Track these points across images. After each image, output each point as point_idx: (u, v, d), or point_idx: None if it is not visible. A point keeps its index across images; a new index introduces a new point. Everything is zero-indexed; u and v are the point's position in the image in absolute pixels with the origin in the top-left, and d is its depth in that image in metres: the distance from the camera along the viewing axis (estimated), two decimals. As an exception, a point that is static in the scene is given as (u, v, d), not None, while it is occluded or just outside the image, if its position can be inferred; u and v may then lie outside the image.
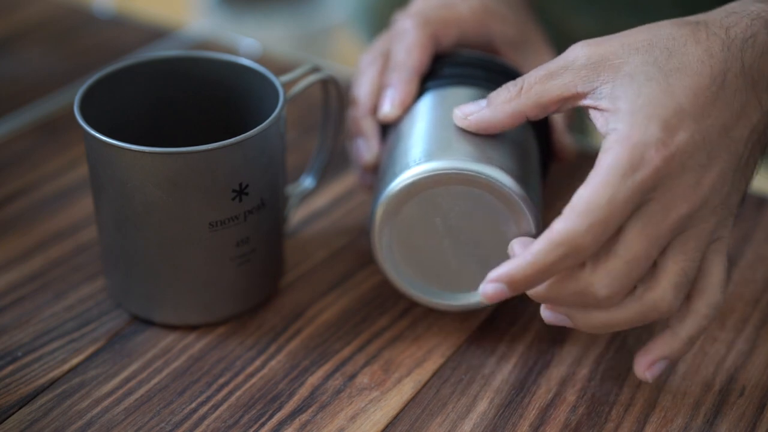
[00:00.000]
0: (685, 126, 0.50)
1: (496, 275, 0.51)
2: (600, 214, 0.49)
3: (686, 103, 0.50)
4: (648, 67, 0.51)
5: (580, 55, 0.52)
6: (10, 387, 0.55)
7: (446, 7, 0.65)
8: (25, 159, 0.74)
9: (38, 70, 0.86)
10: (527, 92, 0.53)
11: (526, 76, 0.54)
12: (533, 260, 0.49)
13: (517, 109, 0.54)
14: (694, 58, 0.51)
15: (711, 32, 0.52)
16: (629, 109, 0.50)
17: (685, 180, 0.50)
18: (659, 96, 0.50)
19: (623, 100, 0.51)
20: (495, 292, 0.51)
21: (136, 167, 0.54)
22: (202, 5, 1.89)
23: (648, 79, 0.51)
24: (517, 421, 0.54)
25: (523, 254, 0.50)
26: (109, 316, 0.60)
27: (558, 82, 0.53)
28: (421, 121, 0.59)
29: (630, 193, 0.49)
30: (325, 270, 0.64)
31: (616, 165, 0.49)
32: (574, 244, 0.49)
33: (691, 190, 0.50)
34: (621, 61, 0.51)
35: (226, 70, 0.62)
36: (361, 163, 0.63)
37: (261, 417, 0.54)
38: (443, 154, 0.55)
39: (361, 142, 0.63)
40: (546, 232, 0.49)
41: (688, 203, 0.50)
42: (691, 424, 0.54)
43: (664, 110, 0.50)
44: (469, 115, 0.55)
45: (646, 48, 0.52)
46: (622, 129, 0.50)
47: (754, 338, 0.59)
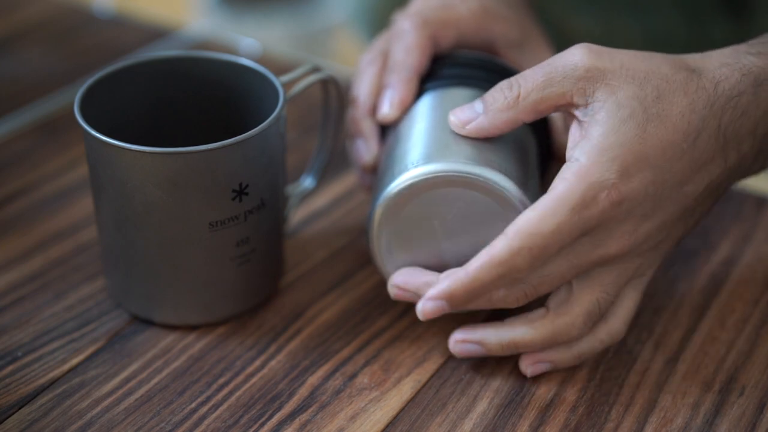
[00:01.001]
0: (642, 176, 0.52)
1: (436, 293, 0.53)
2: (542, 241, 0.51)
3: (652, 155, 0.52)
4: (635, 103, 0.52)
5: (580, 66, 0.53)
6: (10, 387, 0.55)
7: (445, 8, 0.65)
8: (25, 159, 0.74)
9: (38, 70, 0.86)
10: (525, 100, 0.54)
11: (522, 80, 0.54)
12: (474, 277, 0.52)
13: (514, 116, 0.54)
14: (677, 110, 0.52)
15: (701, 86, 0.53)
16: (599, 143, 0.52)
17: (623, 226, 0.52)
18: (631, 140, 0.52)
19: (598, 129, 0.52)
20: (434, 309, 0.53)
21: (136, 167, 0.54)
22: (202, 5, 1.89)
23: (630, 117, 0.52)
24: (517, 421, 0.54)
25: (463, 271, 0.52)
26: (109, 316, 0.60)
27: (555, 90, 0.53)
28: (420, 123, 0.59)
29: (575, 227, 0.51)
30: (325, 270, 0.64)
31: (569, 198, 0.51)
32: (512, 265, 0.51)
33: (625, 236, 0.52)
34: (616, 85, 0.52)
35: (226, 70, 0.62)
36: (361, 163, 0.63)
37: (261, 417, 0.54)
38: (442, 157, 0.55)
39: (360, 142, 0.63)
40: (486, 250, 0.52)
41: (618, 247, 0.53)
42: (691, 424, 0.54)
43: (629, 155, 0.51)
44: (466, 123, 0.55)
45: (641, 81, 0.53)
46: (584, 163, 0.51)
47: (754, 338, 0.59)
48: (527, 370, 0.56)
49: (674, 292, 0.62)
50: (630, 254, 0.53)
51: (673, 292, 0.62)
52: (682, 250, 0.65)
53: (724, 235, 0.67)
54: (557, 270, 0.53)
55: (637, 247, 0.53)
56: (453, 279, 0.53)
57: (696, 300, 0.62)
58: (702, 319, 0.60)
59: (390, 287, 0.56)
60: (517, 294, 0.53)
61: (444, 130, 0.57)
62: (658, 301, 0.61)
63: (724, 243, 0.66)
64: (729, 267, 0.64)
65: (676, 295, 0.62)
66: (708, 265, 0.64)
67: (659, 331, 0.59)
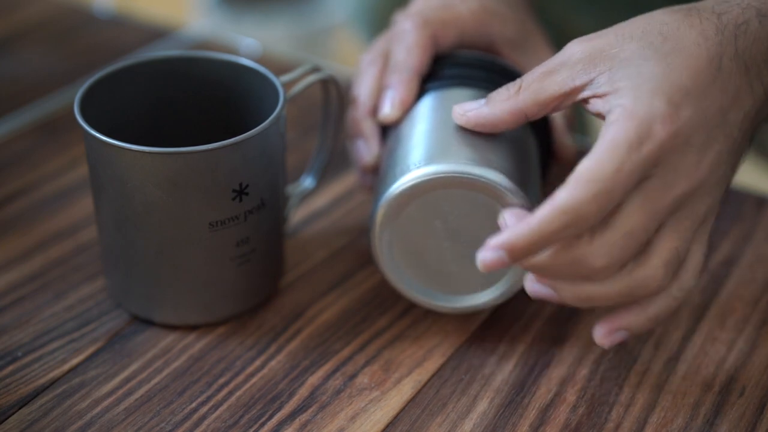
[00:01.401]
0: (688, 103, 0.50)
1: (498, 242, 0.49)
2: (605, 185, 0.48)
3: (687, 82, 0.50)
4: (645, 50, 0.51)
5: (576, 51, 0.53)
6: (10, 387, 0.55)
7: (446, 8, 0.65)
8: (25, 159, 0.74)
9: (38, 70, 0.86)
10: (525, 90, 0.53)
11: (524, 76, 0.54)
12: (537, 227, 0.49)
13: (515, 107, 0.54)
14: (689, 41, 0.51)
15: (704, 17, 0.52)
16: (631, 85, 0.50)
17: (687, 158, 0.50)
18: (660, 74, 0.50)
19: (624, 81, 0.51)
20: (494, 259, 0.50)
21: (136, 167, 0.54)
22: (202, 5, 1.89)
23: (645, 60, 0.51)
24: (517, 421, 0.54)
25: (526, 221, 0.49)
26: (109, 316, 0.60)
27: (556, 78, 0.53)
28: (421, 123, 0.59)
29: (636, 165, 0.49)
30: (325, 270, 0.64)
31: (624, 137, 0.49)
32: (578, 213, 0.48)
33: (692, 169, 0.50)
34: (616, 50, 0.52)
35: (226, 70, 0.62)
36: (361, 164, 0.63)
37: (261, 417, 0.54)
38: (443, 157, 0.55)
39: (361, 143, 0.63)
40: (549, 200, 0.49)
41: (689, 182, 0.50)
42: (691, 424, 0.54)
43: (668, 86, 0.50)
44: (468, 111, 0.55)
45: (640, 35, 0.52)
46: (626, 104, 0.50)
47: (754, 338, 0.59)
48: (604, 341, 0.53)
49: (674, 292, 0.62)
50: (699, 191, 0.51)
51: (673, 292, 0.62)
52: (682, 250, 0.65)
53: (724, 235, 0.67)
54: (637, 221, 0.50)
55: (705, 182, 0.51)
56: (515, 229, 0.49)
57: (696, 300, 0.62)
58: (702, 319, 0.60)
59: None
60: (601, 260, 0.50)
61: (445, 131, 0.57)
62: (658, 301, 0.61)
63: (724, 243, 0.66)
64: (729, 267, 0.64)
65: (676, 295, 0.62)
66: (708, 265, 0.64)
67: (659, 331, 0.59)
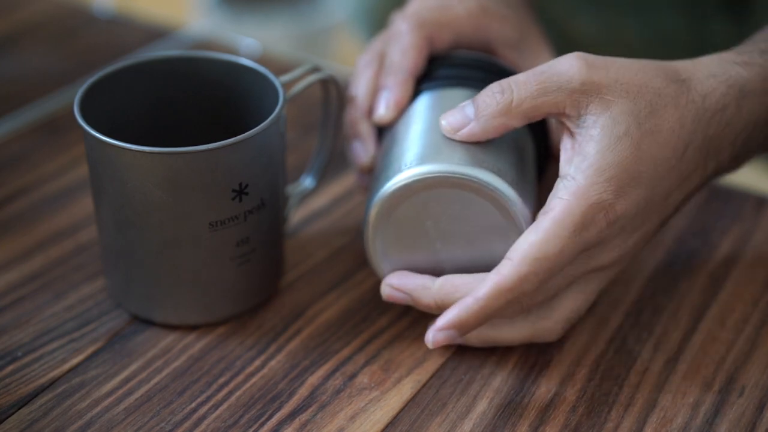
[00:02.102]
0: (636, 193, 0.53)
1: (446, 322, 0.53)
2: (548, 265, 0.52)
3: (645, 172, 0.53)
4: (630, 118, 0.53)
5: (576, 78, 0.53)
6: (10, 387, 0.55)
7: (442, 9, 0.65)
8: (25, 159, 0.74)
9: (38, 70, 0.86)
10: (517, 108, 0.54)
11: (515, 86, 0.54)
12: (483, 305, 0.52)
13: (506, 123, 0.55)
14: (668, 125, 0.53)
15: (690, 99, 0.54)
16: (596, 162, 0.52)
17: (615, 240, 0.54)
18: (627, 158, 0.52)
19: (594, 146, 0.52)
20: (445, 338, 0.53)
21: (136, 167, 0.54)
22: (202, 5, 1.89)
23: (625, 134, 0.52)
24: (516, 421, 0.54)
25: (473, 299, 0.52)
26: (109, 316, 0.60)
27: (549, 99, 0.53)
28: (416, 124, 0.59)
29: (576, 248, 0.52)
30: (325, 270, 0.64)
31: (569, 220, 0.52)
32: (520, 290, 0.52)
33: (616, 249, 0.54)
34: (611, 99, 0.53)
35: (226, 70, 0.62)
36: (359, 165, 0.63)
37: (261, 417, 0.54)
38: (436, 158, 0.55)
39: (358, 144, 0.63)
40: (494, 277, 0.52)
41: (609, 258, 0.54)
42: (690, 424, 0.54)
43: (624, 174, 0.52)
44: (457, 129, 0.55)
45: (634, 96, 0.53)
46: (581, 184, 0.52)
47: (754, 338, 0.59)
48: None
49: (674, 292, 0.62)
50: (618, 263, 0.55)
51: (673, 292, 0.62)
52: (682, 250, 0.65)
53: (724, 235, 0.67)
54: (555, 283, 0.54)
55: (624, 257, 0.55)
56: (462, 308, 0.53)
57: (696, 300, 0.62)
58: (702, 319, 0.60)
59: (383, 287, 0.57)
60: (515, 310, 0.54)
61: (438, 132, 0.57)
62: (658, 301, 0.61)
63: (724, 243, 0.66)
64: (729, 267, 0.64)
65: (676, 295, 0.62)
66: (708, 265, 0.64)
67: (659, 331, 0.59)
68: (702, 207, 0.69)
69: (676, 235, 0.67)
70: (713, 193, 0.70)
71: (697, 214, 0.68)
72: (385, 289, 0.57)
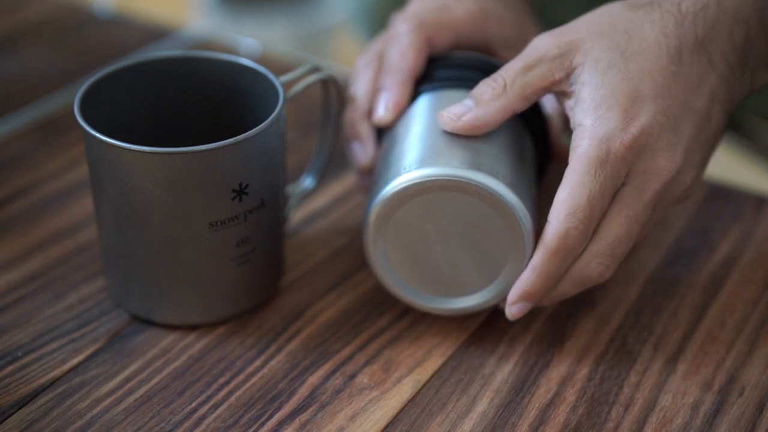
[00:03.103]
0: (645, 110, 0.54)
1: (515, 296, 0.56)
2: (583, 213, 0.53)
3: (645, 88, 0.54)
4: (611, 52, 0.55)
5: (551, 46, 0.56)
6: (10, 387, 0.55)
7: (442, 10, 0.65)
8: (25, 159, 0.74)
9: (38, 70, 0.86)
10: (512, 87, 0.56)
11: (503, 71, 0.56)
12: (540, 272, 0.54)
13: (506, 104, 0.56)
14: (651, 40, 0.55)
15: (664, 10, 0.56)
16: (592, 100, 0.54)
17: (654, 159, 0.54)
18: (619, 84, 0.54)
19: (588, 89, 0.54)
20: (521, 310, 0.56)
21: (136, 167, 0.54)
22: (202, 5, 1.89)
23: (610, 67, 0.54)
24: (516, 421, 0.54)
25: (529, 270, 0.55)
26: (109, 316, 0.60)
27: (537, 72, 0.56)
28: (415, 126, 0.59)
29: (605, 185, 0.53)
30: (325, 270, 0.64)
31: (587, 163, 0.53)
32: (570, 245, 0.54)
33: (662, 167, 0.54)
34: (589, 46, 0.55)
35: (226, 70, 0.62)
36: (358, 166, 0.63)
37: (261, 417, 0.54)
38: (434, 161, 0.55)
39: (357, 145, 0.63)
40: (540, 244, 0.54)
41: (660, 179, 0.54)
42: (691, 424, 0.54)
43: (623, 99, 0.54)
44: (460, 116, 0.56)
45: (608, 32, 0.55)
46: (587, 124, 0.54)
47: (754, 338, 0.59)
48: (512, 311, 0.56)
49: (674, 292, 0.62)
50: (674, 182, 0.55)
51: (673, 292, 0.62)
52: (682, 250, 0.65)
53: (724, 235, 0.67)
54: (619, 230, 0.54)
55: (680, 171, 0.55)
56: (523, 280, 0.55)
57: (696, 300, 0.62)
58: (702, 319, 0.60)
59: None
60: (598, 269, 0.55)
61: (437, 134, 0.57)
62: (658, 301, 0.61)
63: (724, 243, 0.66)
64: (729, 267, 0.64)
65: (676, 295, 0.62)
66: (708, 265, 0.64)
67: (659, 331, 0.59)
68: (702, 207, 0.69)
69: (676, 235, 0.67)
70: (713, 193, 0.70)
71: (697, 214, 0.68)
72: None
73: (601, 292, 0.62)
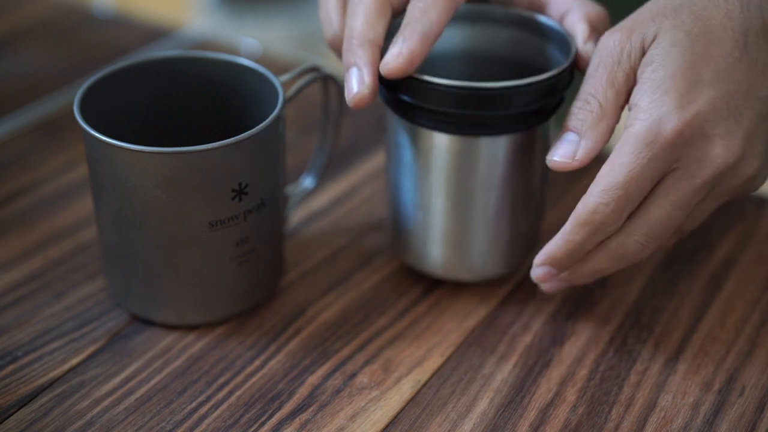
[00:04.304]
0: (703, 96, 0.52)
1: (540, 259, 0.56)
2: (619, 191, 0.52)
3: (706, 73, 0.52)
4: (676, 31, 0.53)
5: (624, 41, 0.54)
6: (10, 387, 0.56)
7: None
8: (25, 159, 0.74)
9: (38, 70, 0.86)
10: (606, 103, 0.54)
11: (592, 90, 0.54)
12: (566, 240, 0.54)
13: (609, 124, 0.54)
14: (716, 23, 0.53)
15: None
16: (652, 81, 0.53)
17: (708, 146, 0.52)
18: (681, 66, 0.52)
19: (650, 69, 0.53)
20: (545, 273, 0.57)
21: (135, 167, 0.54)
22: (202, 5, 1.89)
23: (674, 45, 0.53)
24: (516, 421, 0.54)
25: (558, 235, 0.55)
26: (109, 316, 0.60)
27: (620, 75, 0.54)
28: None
29: (646, 168, 0.52)
30: (325, 270, 0.64)
31: (633, 142, 0.52)
32: (598, 220, 0.53)
33: (717, 155, 0.53)
34: (655, 27, 0.53)
35: (226, 70, 0.62)
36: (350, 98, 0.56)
37: (261, 416, 0.54)
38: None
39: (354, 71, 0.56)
40: (574, 212, 0.54)
41: (713, 168, 0.53)
42: (691, 424, 0.54)
43: (682, 83, 0.52)
44: (573, 156, 0.55)
45: (674, 12, 0.54)
46: (643, 105, 0.53)
47: (754, 338, 0.59)
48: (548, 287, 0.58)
49: (674, 292, 0.62)
50: (730, 172, 0.53)
51: (673, 292, 0.62)
52: (682, 250, 0.65)
53: (724, 235, 0.67)
54: (660, 212, 0.53)
55: (738, 161, 0.53)
56: (550, 243, 0.55)
57: (696, 300, 0.62)
58: (702, 319, 0.60)
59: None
60: (633, 247, 0.54)
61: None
62: (658, 301, 0.61)
63: (724, 243, 0.66)
64: (729, 267, 0.64)
65: (676, 295, 0.62)
66: (708, 265, 0.64)
67: (659, 331, 0.59)
68: (702, 207, 0.69)
69: (676, 235, 0.67)
70: (713, 193, 0.70)
71: (697, 214, 0.68)
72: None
73: (601, 292, 0.62)
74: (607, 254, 0.55)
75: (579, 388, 0.56)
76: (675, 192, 0.53)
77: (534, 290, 0.62)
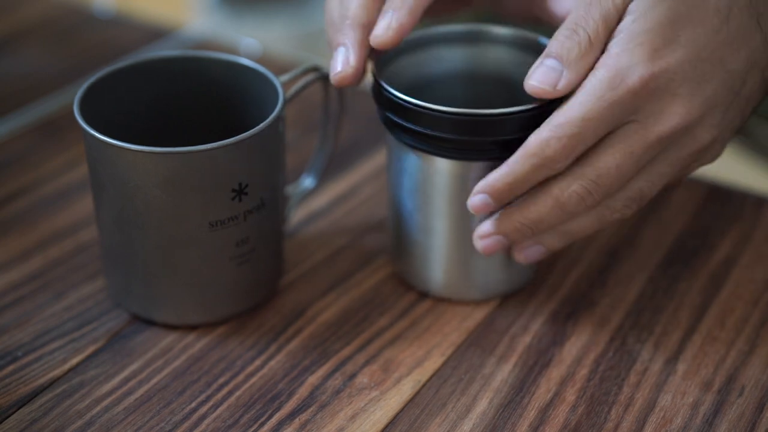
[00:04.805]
0: (675, 55, 0.52)
1: (479, 187, 0.55)
2: (572, 129, 0.52)
3: (684, 34, 0.52)
4: None
5: None
6: (10, 387, 0.56)
7: None
8: (25, 159, 0.74)
9: (38, 70, 0.86)
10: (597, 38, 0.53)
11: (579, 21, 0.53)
12: (510, 170, 0.53)
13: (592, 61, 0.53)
14: None
15: None
16: (630, 32, 0.52)
17: (669, 103, 0.52)
18: (660, 23, 0.52)
19: (629, 17, 0.53)
20: (481, 202, 0.55)
21: (136, 167, 0.54)
22: (202, 5, 1.89)
23: (660, 1, 0.52)
24: (516, 421, 0.54)
25: (501, 166, 0.54)
26: (109, 316, 0.60)
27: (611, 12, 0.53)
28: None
29: (605, 111, 0.52)
30: (325, 270, 0.64)
31: (596, 85, 0.52)
32: (546, 155, 0.52)
33: (676, 114, 0.52)
34: None
35: (226, 70, 0.62)
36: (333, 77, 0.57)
37: (261, 417, 0.54)
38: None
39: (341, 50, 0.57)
40: (523, 144, 0.53)
41: (670, 125, 0.52)
42: (690, 424, 0.54)
43: (658, 38, 0.52)
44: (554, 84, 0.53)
45: None
46: (612, 53, 0.52)
47: (754, 338, 0.59)
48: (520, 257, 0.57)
49: (674, 292, 0.62)
50: (687, 135, 0.53)
51: (673, 292, 0.62)
52: (682, 250, 0.65)
53: (724, 235, 0.67)
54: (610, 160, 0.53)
55: (695, 124, 0.53)
56: (492, 173, 0.54)
57: (696, 300, 0.62)
58: (702, 319, 0.60)
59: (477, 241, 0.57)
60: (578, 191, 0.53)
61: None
62: (658, 301, 0.61)
63: (724, 243, 0.66)
64: (729, 267, 0.64)
65: (676, 295, 0.62)
66: (708, 265, 0.64)
67: (659, 331, 0.59)
68: (702, 207, 0.69)
69: (676, 235, 0.67)
70: (713, 193, 0.70)
71: (697, 214, 0.68)
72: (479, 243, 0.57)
73: (601, 292, 0.62)
74: (547, 200, 0.54)
75: (579, 388, 0.56)
76: (627, 142, 0.52)
77: (534, 290, 0.62)
